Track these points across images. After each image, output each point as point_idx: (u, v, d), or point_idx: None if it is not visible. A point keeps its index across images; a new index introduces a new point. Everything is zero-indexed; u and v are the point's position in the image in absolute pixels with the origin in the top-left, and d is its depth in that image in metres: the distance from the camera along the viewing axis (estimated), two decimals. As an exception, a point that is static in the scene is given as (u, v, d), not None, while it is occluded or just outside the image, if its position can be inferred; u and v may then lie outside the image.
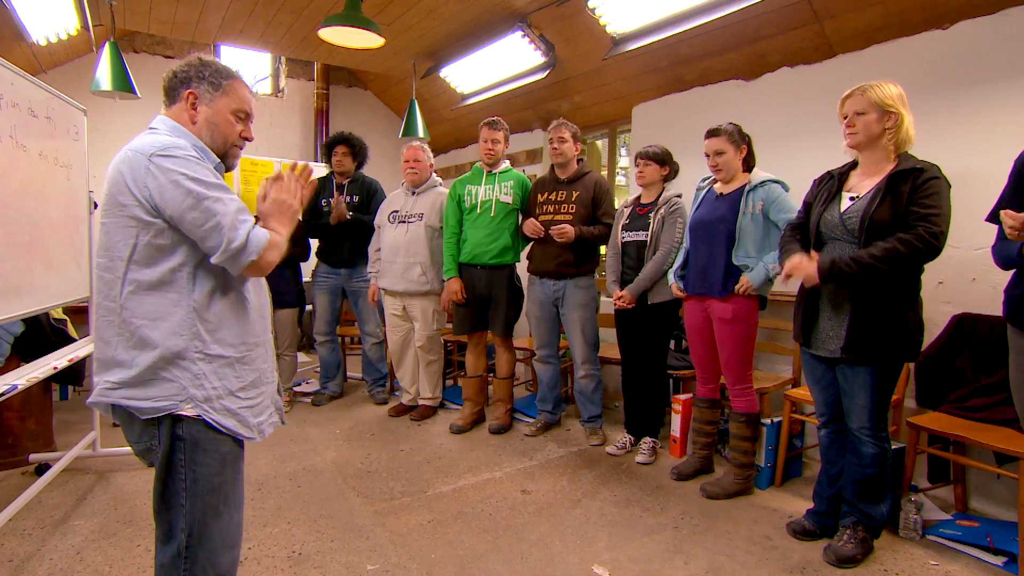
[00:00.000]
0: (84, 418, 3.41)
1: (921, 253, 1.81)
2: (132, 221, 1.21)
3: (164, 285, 1.23)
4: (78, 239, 2.70)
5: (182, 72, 1.34)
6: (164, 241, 1.22)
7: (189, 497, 1.27)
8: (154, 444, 1.26)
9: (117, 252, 1.23)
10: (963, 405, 2.33)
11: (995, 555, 2.07)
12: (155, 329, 1.22)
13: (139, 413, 1.24)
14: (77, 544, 2.14)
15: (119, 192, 1.21)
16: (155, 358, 1.22)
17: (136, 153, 1.22)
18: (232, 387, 1.31)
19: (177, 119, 1.33)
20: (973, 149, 2.42)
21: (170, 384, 1.23)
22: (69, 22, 3.50)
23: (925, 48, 2.55)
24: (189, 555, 1.27)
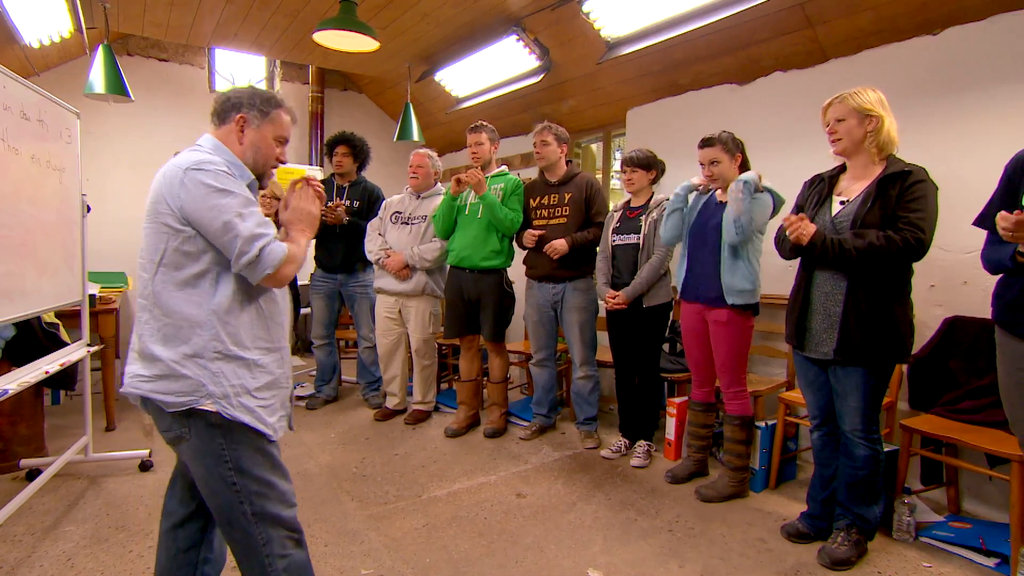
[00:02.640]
0: (76, 423, 3.38)
1: (904, 254, 1.84)
2: (165, 228, 1.34)
3: (189, 288, 1.34)
4: (71, 243, 2.69)
5: (235, 97, 1.47)
6: (191, 248, 1.34)
7: (239, 475, 1.37)
8: (185, 433, 1.35)
9: (150, 255, 1.36)
10: (955, 407, 2.35)
11: (987, 557, 2.08)
12: (179, 328, 1.33)
13: (164, 406, 1.34)
14: (68, 550, 2.12)
15: (157, 201, 1.35)
16: (178, 355, 1.33)
17: (174, 167, 1.35)
18: (249, 387, 1.39)
19: (224, 139, 1.47)
20: (963, 153, 2.44)
21: (190, 380, 1.33)
22: (62, 24, 3.48)
23: (916, 53, 2.57)
24: (257, 519, 1.39)
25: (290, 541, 1.44)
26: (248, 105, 1.47)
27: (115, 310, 3.51)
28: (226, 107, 1.47)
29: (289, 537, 1.44)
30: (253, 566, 1.42)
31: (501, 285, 3.29)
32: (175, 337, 1.33)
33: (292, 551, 1.44)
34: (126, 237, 4.70)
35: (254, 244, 1.32)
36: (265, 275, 1.35)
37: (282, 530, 1.43)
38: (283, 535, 1.43)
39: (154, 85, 4.93)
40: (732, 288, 2.44)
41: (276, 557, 1.41)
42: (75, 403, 3.85)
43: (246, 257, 1.32)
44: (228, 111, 1.47)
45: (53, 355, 2.63)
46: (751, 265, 2.45)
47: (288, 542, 1.44)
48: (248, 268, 1.33)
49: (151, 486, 2.67)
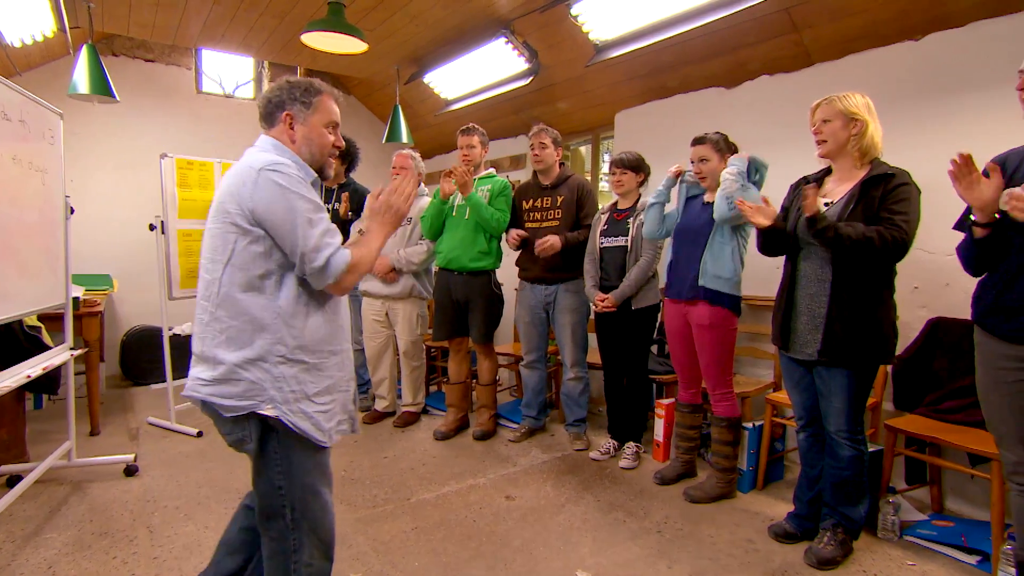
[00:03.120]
0: (59, 427, 3.33)
1: (888, 251, 1.86)
2: (234, 228, 1.33)
3: (254, 289, 1.34)
4: (54, 245, 2.65)
5: (275, 96, 1.46)
6: (259, 248, 1.33)
7: (287, 480, 1.39)
8: (246, 436, 1.37)
9: (218, 255, 1.35)
10: (938, 407, 2.38)
11: (969, 554, 2.11)
12: (243, 331, 1.33)
13: (223, 411, 1.34)
14: (50, 557, 2.09)
15: (227, 201, 1.34)
16: (240, 358, 1.32)
17: (247, 167, 1.34)
18: (308, 392, 1.39)
19: (277, 138, 1.45)
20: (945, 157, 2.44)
21: (251, 385, 1.33)
22: (45, 24, 3.44)
23: (898, 58, 2.61)
24: (295, 526, 1.41)
25: (319, 552, 1.46)
26: (290, 100, 1.45)
27: (100, 313, 3.47)
28: (270, 108, 1.46)
29: (319, 547, 1.46)
30: (279, 567, 1.43)
31: (490, 286, 3.29)
32: (238, 340, 1.33)
33: (318, 562, 1.46)
34: (112, 239, 4.65)
35: (321, 253, 1.33)
36: (328, 284, 1.36)
37: (316, 539, 1.44)
38: (315, 543, 1.45)
39: (140, 86, 4.88)
40: (708, 272, 2.46)
41: (303, 565, 1.43)
42: (58, 407, 3.80)
43: (312, 265, 1.33)
44: (273, 112, 1.46)
45: (35, 359, 2.59)
46: (734, 260, 2.48)
47: (317, 552, 1.45)
48: (312, 275, 1.35)
49: (136, 491, 2.64)
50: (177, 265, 3.50)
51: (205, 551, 2.13)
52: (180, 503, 2.53)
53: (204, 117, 5.26)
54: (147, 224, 3.48)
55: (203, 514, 2.42)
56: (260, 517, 1.44)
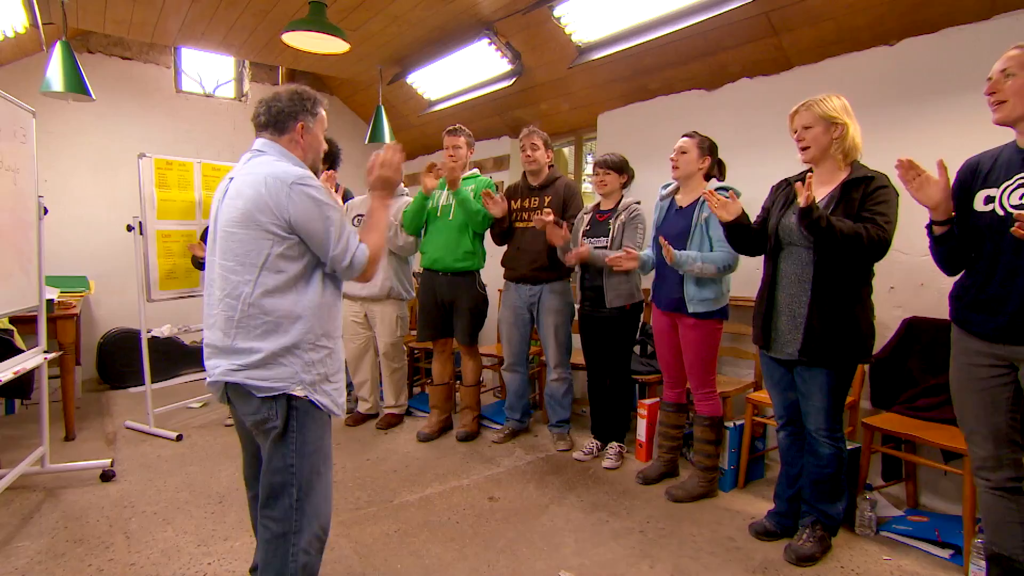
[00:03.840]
0: (32, 433, 3.26)
1: (872, 249, 1.90)
2: (268, 235, 1.47)
3: (287, 289, 1.50)
4: (26, 246, 2.59)
5: (288, 107, 1.59)
6: (292, 253, 1.50)
7: (298, 458, 1.52)
8: (271, 415, 1.50)
9: (250, 260, 1.48)
10: (912, 405, 2.42)
11: (942, 548, 2.16)
12: (277, 324, 1.49)
13: (258, 392, 1.48)
14: (22, 567, 2.04)
15: (259, 210, 1.46)
16: (277, 347, 1.48)
17: (276, 180, 1.47)
18: (329, 373, 1.57)
19: (287, 146, 1.60)
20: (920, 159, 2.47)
21: (286, 369, 1.49)
22: (16, 19, 3.36)
23: (874, 63, 2.66)
24: (299, 507, 1.52)
25: (317, 542, 1.56)
26: (302, 111, 1.60)
27: (75, 315, 3.40)
28: (283, 117, 1.59)
29: (317, 536, 1.56)
30: (277, 550, 1.51)
31: (475, 287, 3.28)
32: (276, 332, 1.48)
33: (314, 554, 1.56)
34: (88, 240, 4.56)
35: (348, 252, 1.54)
36: (354, 277, 1.59)
37: (316, 525, 1.55)
38: (315, 531, 1.55)
39: (117, 84, 4.80)
40: (694, 297, 2.49)
41: (301, 551, 1.52)
42: (31, 412, 3.71)
43: (343, 263, 1.54)
44: (286, 120, 1.59)
45: (6, 363, 2.53)
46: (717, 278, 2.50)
47: (315, 541, 1.55)
48: (345, 270, 1.56)
49: (113, 497, 2.59)
50: (156, 267, 3.44)
51: (184, 557, 2.10)
52: (159, 508, 2.48)
53: (184, 116, 5.18)
54: (125, 225, 3.41)
55: (182, 519, 2.39)
56: (266, 498, 1.53)
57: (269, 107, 1.59)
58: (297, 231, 1.49)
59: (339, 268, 1.55)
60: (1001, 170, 1.65)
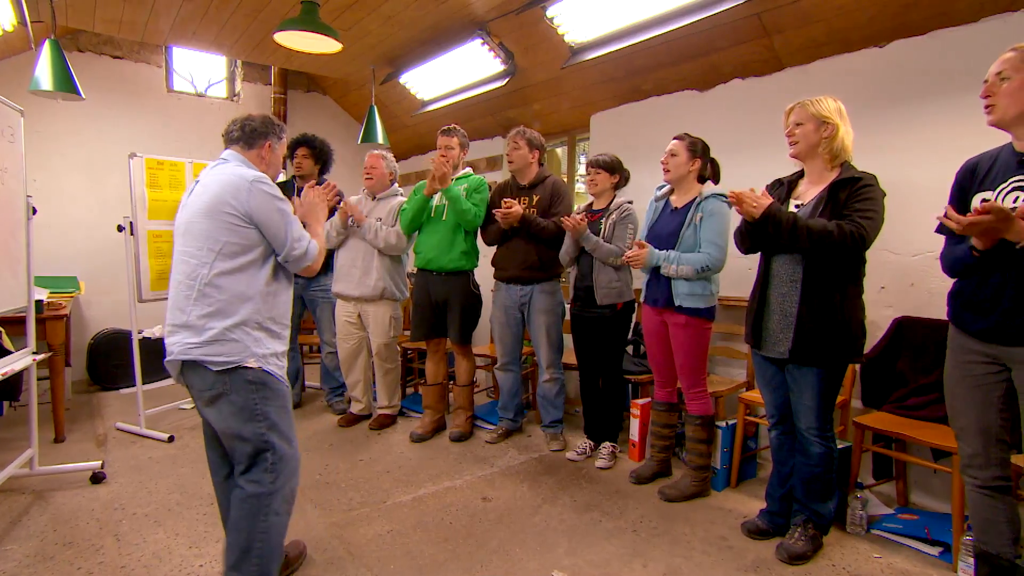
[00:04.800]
0: (20, 435, 3.23)
1: (845, 244, 1.91)
2: (228, 226, 1.69)
3: (240, 272, 1.70)
4: (14, 246, 2.57)
5: (261, 128, 1.88)
6: (247, 242, 1.71)
7: (267, 426, 1.70)
8: (226, 388, 1.67)
9: (209, 245, 1.69)
10: (903, 404, 2.44)
11: (932, 546, 2.17)
12: (231, 304, 1.68)
13: (213, 366, 1.65)
14: (10, 570, 2.02)
15: (221, 204, 1.69)
16: (229, 324, 1.66)
17: (239, 178, 1.72)
18: (276, 351, 1.77)
19: (253, 159, 1.87)
20: (909, 160, 2.55)
21: (237, 344, 1.67)
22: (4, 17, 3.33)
23: (864, 64, 2.68)
24: (274, 469, 1.70)
25: (286, 504, 1.73)
26: (272, 134, 1.89)
27: (65, 316, 3.37)
28: (255, 135, 1.86)
29: (287, 500, 1.74)
30: (251, 508, 1.67)
31: (468, 287, 3.28)
32: (227, 311, 1.67)
33: (283, 514, 1.73)
34: (78, 240, 4.53)
35: (301, 242, 1.78)
36: (305, 266, 1.81)
37: (287, 490, 1.73)
38: (286, 494, 1.72)
39: (108, 83, 4.76)
40: (680, 291, 2.50)
41: (272, 512, 1.69)
42: (20, 414, 3.68)
43: (296, 252, 1.76)
44: (257, 138, 1.87)
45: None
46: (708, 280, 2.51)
47: (285, 504, 1.73)
48: (295, 260, 1.78)
49: (104, 499, 2.57)
50: (147, 267, 3.41)
51: (175, 559, 2.09)
52: (150, 510, 2.47)
53: (175, 116, 5.15)
54: (115, 225, 3.39)
55: (173, 521, 2.37)
56: (240, 467, 1.70)
57: (243, 125, 1.86)
58: (255, 222, 1.71)
59: (293, 256, 1.76)
60: (998, 172, 1.65)
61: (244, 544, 1.67)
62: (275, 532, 1.71)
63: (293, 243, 1.75)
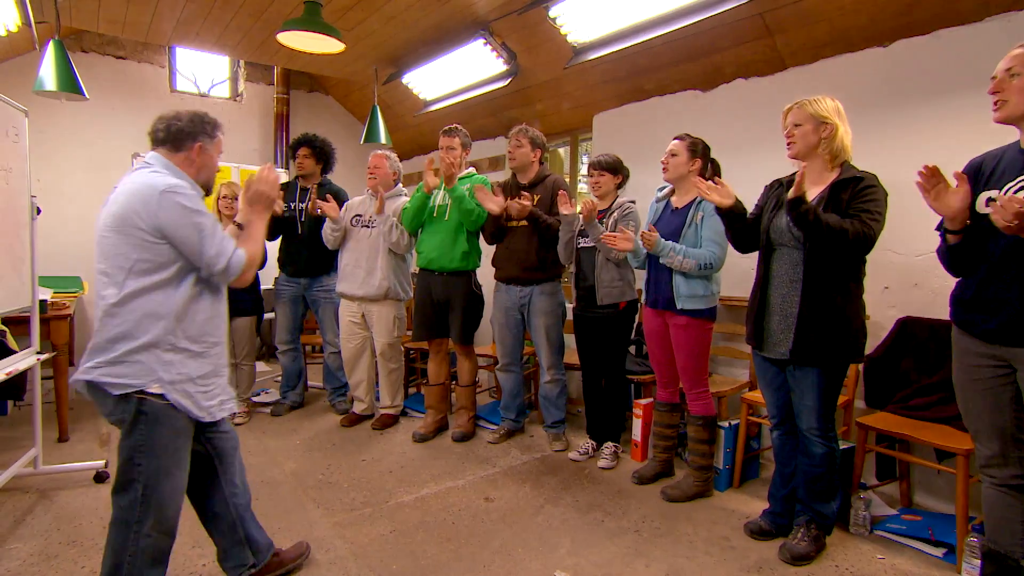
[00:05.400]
0: (25, 434, 3.24)
1: (857, 244, 1.91)
2: (138, 242, 1.53)
3: (154, 291, 1.56)
4: (18, 247, 2.58)
5: (189, 127, 1.68)
6: (161, 259, 1.56)
7: (146, 457, 1.58)
8: (126, 416, 1.56)
9: (119, 262, 1.55)
10: (906, 404, 2.44)
11: (936, 547, 2.17)
12: (140, 324, 1.54)
13: (113, 389, 1.53)
14: (14, 568, 2.03)
15: (129, 217, 1.53)
16: (135, 344, 1.54)
17: (147, 187, 1.55)
18: (192, 375, 1.62)
19: (180, 164, 1.68)
20: (911, 160, 2.50)
21: (142, 366, 1.54)
22: (8, 17, 3.34)
23: (868, 64, 2.67)
24: (144, 502, 1.59)
25: (160, 527, 1.62)
26: (202, 134, 1.70)
27: (69, 316, 3.38)
28: (181, 136, 1.67)
29: (162, 524, 1.62)
30: (119, 533, 1.59)
31: (470, 287, 3.28)
32: (135, 332, 1.54)
33: (157, 535, 1.62)
34: (82, 240, 4.51)
35: (223, 256, 1.59)
36: (231, 280, 1.63)
37: (160, 515, 1.61)
38: (159, 519, 1.61)
39: (111, 84, 4.78)
40: (682, 294, 2.50)
41: (143, 535, 1.59)
42: (24, 414, 3.68)
43: (217, 267, 1.59)
44: (184, 140, 1.68)
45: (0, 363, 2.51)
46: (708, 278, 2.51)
47: (158, 527, 1.62)
48: (219, 275, 1.61)
49: (107, 498, 2.53)
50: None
51: (177, 558, 2.09)
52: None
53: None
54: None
55: (176, 521, 2.38)
56: (115, 488, 1.61)
57: (169, 125, 1.67)
58: (167, 237, 1.55)
59: (214, 271, 1.60)
60: (1004, 171, 1.65)
61: (115, 561, 1.59)
62: (149, 553, 1.61)
63: (212, 260, 1.57)
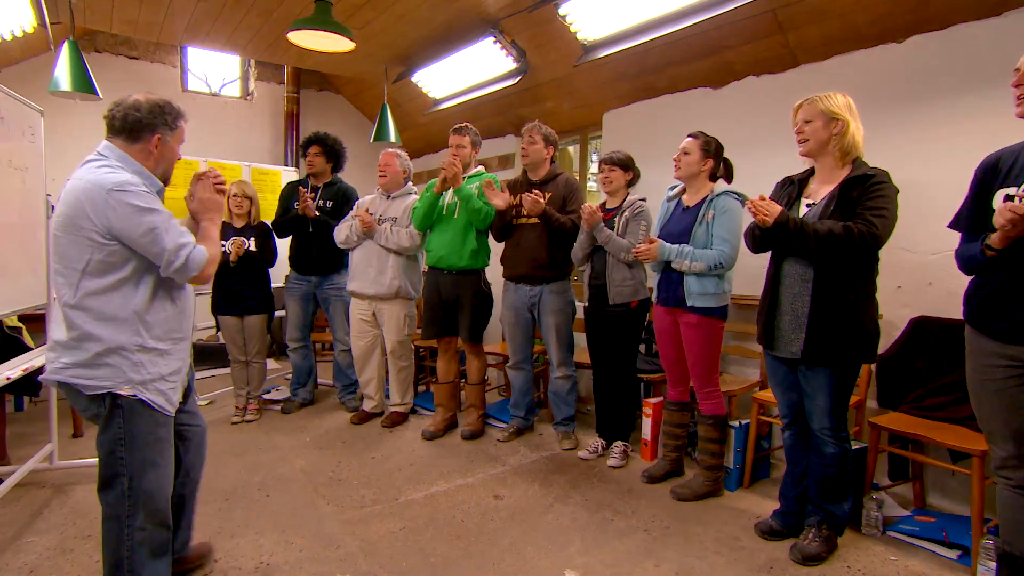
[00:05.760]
0: (41, 430, 3.28)
1: (858, 245, 1.88)
2: (88, 242, 1.48)
3: (112, 292, 1.52)
4: (34, 245, 2.61)
5: (148, 118, 1.60)
6: (114, 259, 1.51)
7: (128, 451, 1.57)
8: (101, 411, 1.56)
9: (72, 264, 1.50)
10: (920, 405, 2.41)
11: (950, 549, 2.14)
12: (103, 326, 1.52)
13: (84, 390, 1.53)
14: (31, 562, 2.06)
15: (78, 217, 1.48)
16: (102, 348, 1.51)
17: (95, 186, 1.48)
18: (163, 373, 1.62)
19: (136, 155, 1.61)
20: (926, 158, 2.52)
21: (112, 369, 1.53)
22: (24, 19, 3.38)
23: (881, 60, 2.64)
24: (131, 496, 1.59)
25: (153, 519, 1.63)
26: (162, 125, 1.63)
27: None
28: (139, 127, 1.59)
29: (154, 516, 1.62)
30: (112, 530, 1.60)
31: (479, 285, 3.28)
32: (99, 334, 1.51)
33: (152, 528, 1.63)
34: (94, 239, 4.58)
35: (180, 254, 1.55)
36: (190, 276, 1.59)
37: (151, 507, 1.61)
38: (150, 512, 1.61)
39: (124, 84, 4.81)
40: (693, 291, 2.48)
41: (136, 529, 1.60)
42: (39, 410, 3.74)
43: (175, 265, 1.54)
44: (141, 131, 1.60)
45: (15, 360, 2.55)
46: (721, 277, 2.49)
47: (151, 519, 1.62)
48: (177, 273, 1.56)
49: (119, 494, 2.60)
50: (162, 265, 3.45)
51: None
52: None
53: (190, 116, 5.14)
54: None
55: (188, 516, 2.40)
56: (99, 486, 1.60)
57: (126, 115, 1.59)
58: (118, 237, 1.50)
59: (174, 269, 1.55)
60: (1021, 168, 1.62)
61: (114, 559, 1.61)
62: (146, 545, 1.62)
63: (169, 256, 1.53)
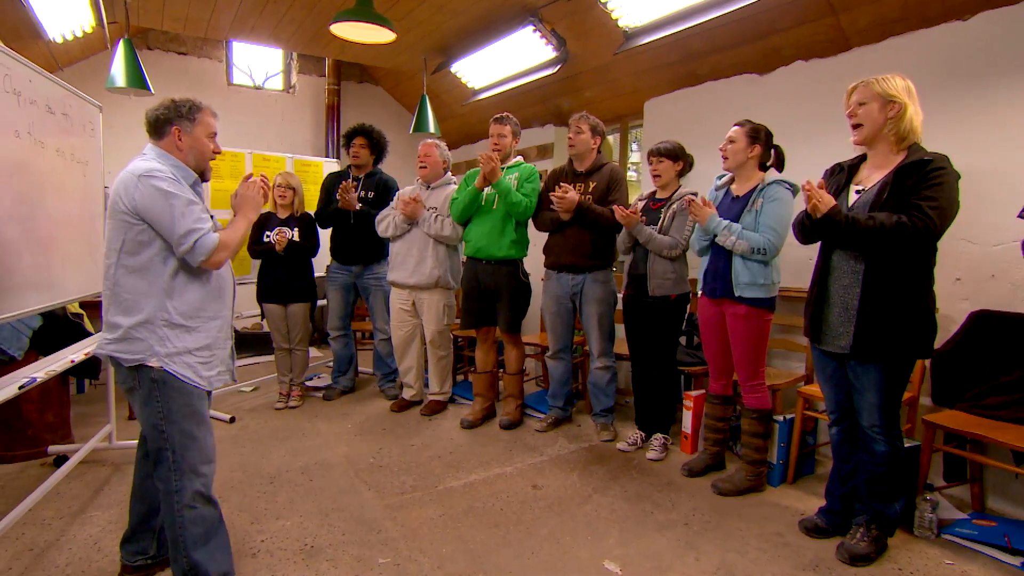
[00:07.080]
0: (100, 411, 3.46)
1: (908, 237, 1.80)
2: (123, 223, 1.65)
3: (143, 270, 1.67)
4: (93, 235, 2.74)
5: (163, 114, 1.75)
6: (144, 238, 1.66)
7: (167, 423, 1.70)
8: (135, 384, 1.70)
9: (112, 244, 1.68)
10: (980, 403, 2.30)
11: (1012, 555, 2.04)
12: (134, 302, 1.67)
13: (123, 362, 1.68)
14: (95, 534, 2.18)
15: (116, 203, 1.66)
16: (133, 322, 1.66)
17: (129, 174, 1.66)
18: (190, 347, 1.72)
19: (167, 149, 1.76)
20: (991, 143, 2.38)
21: (141, 342, 1.67)
22: (84, 19, 3.53)
23: (943, 40, 2.51)
24: (176, 468, 1.70)
25: (199, 497, 1.72)
26: (177, 117, 1.75)
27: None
28: (159, 124, 1.75)
29: (200, 493, 1.72)
30: (167, 507, 1.72)
31: (517, 276, 3.28)
32: (132, 309, 1.66)
33: (201, 506, 1.73)
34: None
35: (189, 237, 1.65)
36: (200, 261, 1.68)
37: (197, 482, 1.71)
38: (196, 488, 1.71)
39: (173, 79, 4.99)
40: (741, 280, 2.42)
41: (185, 507, 1.70)
42: (99, 392, 3.93)
43: (183, 247, 1.66)
44: (163, 126, 1.75)
45: (78, 345, 2.69)
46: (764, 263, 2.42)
47: (198, 498, 1.72)
48: (187, 254, 1.67)
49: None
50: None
51: (238, 532, 2.20)
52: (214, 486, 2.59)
53: (235, 108, 5.35)
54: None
55: (237, 497, 2.49)
56: (151, 464, 1.74)
57: (150, 117, 1.76)
58: (143, 218, 1.64)
59: (182, 250, 1.66)
60: None
61: (172, 537, 1.72)
62: (196, 525, 1.71)
63: (180, 239, 1.64)
